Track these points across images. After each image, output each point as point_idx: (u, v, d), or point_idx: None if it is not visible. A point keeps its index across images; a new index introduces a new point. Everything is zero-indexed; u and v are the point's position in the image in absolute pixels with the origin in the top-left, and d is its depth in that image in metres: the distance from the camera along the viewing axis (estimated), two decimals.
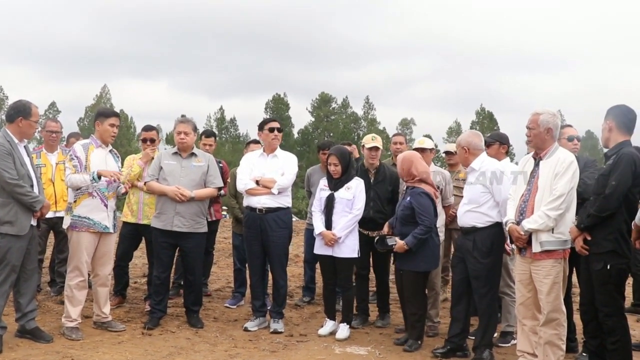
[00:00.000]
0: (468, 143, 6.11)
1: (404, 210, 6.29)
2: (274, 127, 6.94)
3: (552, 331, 5.26)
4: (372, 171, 7.14)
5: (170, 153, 6.96)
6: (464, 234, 6.08)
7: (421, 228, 6.15)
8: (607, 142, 5.34)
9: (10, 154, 5.72)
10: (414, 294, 6.31)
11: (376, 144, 7.15)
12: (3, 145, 5.73)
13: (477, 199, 5.93)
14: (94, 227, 6.34)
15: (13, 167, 5.71)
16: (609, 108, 5.37)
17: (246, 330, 6.75)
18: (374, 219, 6.92)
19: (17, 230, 5.71)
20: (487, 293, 5.91)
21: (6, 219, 5.69)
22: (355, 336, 6.70)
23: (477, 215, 5.92)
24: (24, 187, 5.72)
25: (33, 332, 6.04)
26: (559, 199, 5.15)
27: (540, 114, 5.40)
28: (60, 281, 7.70)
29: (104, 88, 77.05)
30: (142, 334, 6.49)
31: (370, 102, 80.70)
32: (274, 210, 6.81)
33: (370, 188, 6.98)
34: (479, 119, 76.43)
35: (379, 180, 7.08)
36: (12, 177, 5.67)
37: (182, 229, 6.70)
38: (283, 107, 77.39)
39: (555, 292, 5.24)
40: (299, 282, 9.28)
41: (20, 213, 5.73)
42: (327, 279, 6.90)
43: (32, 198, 5.75)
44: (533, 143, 5.49)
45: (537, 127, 5.39)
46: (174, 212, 6.68)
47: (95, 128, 6.60)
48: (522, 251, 5.42)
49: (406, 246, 6.14)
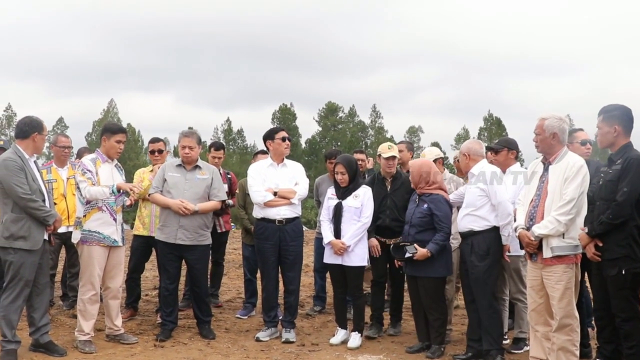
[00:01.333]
0: (468, 149, 6.24)
1: (421, 217, 6.28)
2: (285, 137, 6.98)
3: (566, 337, 5.23)
4: (388, 179, 7.08)
5: (174, 165, 6.98)
6: (463, 239, 6.15)
7: (442, 234, 6.17)
8: (613, 146, 5.28)
9: (22, 169, 5.77)
10: (435, 300, 6.29)
11: (393, 153, 7.08)
12: (15, 161, 5.78)
13: (474, 202, 6.02)
14: (104, 241, 6.38)
15: (25, 182, 5.76)
16: (606, 110, 5.31)
17: (258, 341, 6.76)
18: (390, 227, 6.87)
19: (30, 245, 5.76)
20: (485, 295, 5.95)
21: (20, 234, 5.73)
22: (367, 345, 6.70)
23: (474, 218, 6.00)
24: (37, 201, 5.77)
25: (47, 346, 6.07)
26: (569, 204, 5.13)
27: (545, 118, 5.40)
28: (73, 295, 7.74)
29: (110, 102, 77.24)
30: (155, 345, 6.51)
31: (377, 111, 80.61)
32: (292, 221, 6.87)
33: (387, 196, 6.96)
34: (487, 125, 76.19)
35: (396, 188, 6.99)
36: (25, 192, 5.72)
37: (185, 242, 6.72)
38: (290, 117, 77.37)
39: (567, 297, 5.21)
40: (310, 292, 9.29)
41: (33, 228, 5.78)
42: (337, 288, 6.91)
43: (45, 212, 5.80)
44: (540, 148, 5.48)
45: (542, 133, 5.39)
46: (178, 225, 6.70)
47: (102, 143, 6.62)
48: (533, 257, 5.40)
49: (429, 254, 6.13)
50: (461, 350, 6.29)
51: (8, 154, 5.93)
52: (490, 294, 6.01)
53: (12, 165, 5.76)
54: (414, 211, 6.39)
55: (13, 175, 5.73)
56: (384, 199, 6.91)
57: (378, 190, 6.96)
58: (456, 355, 6.10)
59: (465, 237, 6.09)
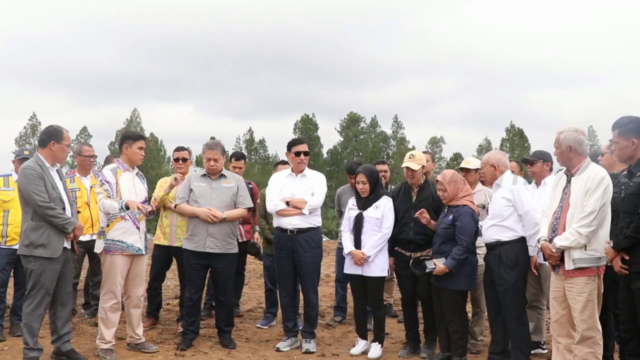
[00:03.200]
0: (497, 160, 6.17)
1: (445, 229, 6.22)
2: (300, 151, 6.95)
3: (588, 349, 5.17)
4: (414, 189, 6.78)
5: (199, 175, 7.01)
6: (489, 249, 6.08)
7: (459, 248, 6.08)
8: (632, 159, 5.23)
9: (41, 178, 5.82)
10: (454, 312, 6.23)
11: (409, 165, 6.67)
12: (34, 169, 5.84)
13: (501, 213, 5.96)
14: (128, 250, 6.42)
15: (44, 190, 5.80)
16: (621, 123, 5.25)
17: (278, 351, 6.76)
18: (414, 240, 6.58)
19: (50, 253, 5.80)
20: (514, 307, 5.89)
21: (39, 242, 5.78)
22: (388, 355, 6.67)
23: (501, 229, 5.95)
24: (55, 209, 5.81)
25: (69, 354, 6.11)
26: (590, 216, 5.09)
27: (561, 132, 5.38)
28: (95, 304, 7.79)
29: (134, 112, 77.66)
30: (175, 354, 6.53)
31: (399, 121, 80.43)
32: (305, 231, 6.82)
33: (412, 207, 6.66)
34: (509, 136, 75.82)
35: (422, 200, 6.68)
36: (44, 200, 5.77)
37: (214, 250, 6.74)
38: (312, 128, 77.49)
39: (589, 309, 5.15)
40: (330, 302, 9.27)
41: (52, 236, 5.82)
42: (357, 299, 6.88)
43: (63, 220, 5.84)
44: (560, 161, 5.49)
45: (560, 146, 5.39)
46: (206, 233, 6.73)
47: (123, 151, 6.67)
48: (556, 269, 5.37)
49: (447, 270, 6.07)
50: None
51: (28, 163, 6.00)
52: (520, 306, 5.96)
53: (30, 174, 5.82)
54: (441, 221, 6.33)
55: (31, 183, 5.78)
56: (407, 210, 6.71)
57: (403, 200, 6.77)
58: None
59: (492, 248, 6.03)
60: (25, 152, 7.29)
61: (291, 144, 7.03)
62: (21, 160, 6.92)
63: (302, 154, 6.96)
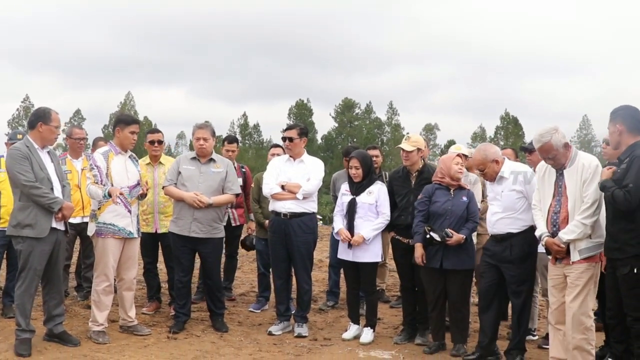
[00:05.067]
0: (495, 154, 5.98)
1: (464, 210, 6.21)
2: (285, 137, 6.95)
3: (581, 336, 5.18)
4: (413, 174, 6.71)
5: (188, 158, 7.00)
6: (497, 241, 5.92)
7: (473, 224, 6.22)
8: (618, 145, 5.22)
9: (26, 158, 5.80)
10: (464, 296, 6.28)
11: (403, 146, 6.64)
12: (19, 150, 5.84)
13: (513, 206, 5.82)
14: (119, 233, 6.42)
15: (30, 170, 5.78)
16: (613, 111, 5.26)
17: (270, 335, 6.78)
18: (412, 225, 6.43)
19: (37, 233, 5.78)
20: (525, 297, 5.87)
21: (26, 222, 5.77)
22: (379, 340, 6.69)
23: (513, 220, 5.82)
24: (40, 188, 5.78)
25: (60, 336, 6.11)
26: (592, 207, 5.11)
27: (548, 139, 5.28)
28: (87, 286, 7.79)
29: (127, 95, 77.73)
30: (168, 337, 6.54)
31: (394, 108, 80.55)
32: (298, 216, 6.81)
33: (411, 192, 6.63)
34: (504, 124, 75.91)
35: (421, 184, 6.57)
36: (28, 180, 5.75)
37: (199, 235, 6.74)
38: (306, 113, 77.44)
39: (583, 295, 5.17)
40: (323, 287, 9.29)
41: (40, 216, 5.80)
42: (350, 284, 6.89)
43: (49, 199, 5.80)
44: (557, 164, 5.37)
45: (557, 151, 5.29)
46: (192, 218, 6.72)
47: (115, 135, 6.64)
48: (558, 261, 5.36)
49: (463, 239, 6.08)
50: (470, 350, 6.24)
51: (16, 145, 6.04)
52: (529, 295, 5.96)
53: (15, 154, 5.83)
54: (453, 203, 6.22)
55: (16, 163, 5.79)
56: (406, 194, 6.64)
57: (402, 184, 6.73)
58: (467, 355, 6.04)
59: (503, 240, 5.87)
60: (19, 136, 7.24)
61: (284, 130, 7.04)
62: (14, 142, 6.89)
63: (287, 139, 6.92)
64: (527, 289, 5.89)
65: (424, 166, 6.75)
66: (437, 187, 6.33)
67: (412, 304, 6.77)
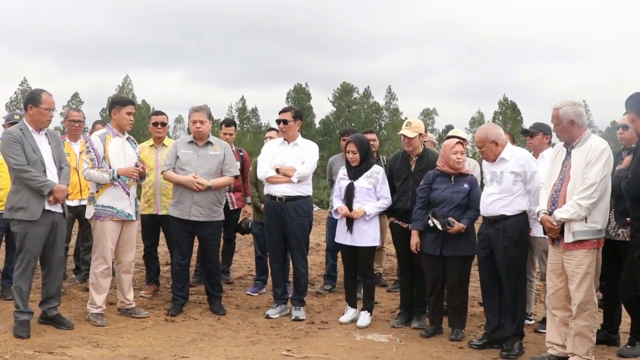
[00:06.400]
0: (497, 135, 5.95)
1: (464, 197, 6.20)
2: (279, 120, 6.94)
3: (584, 322, 5.16)
4: (413, 158, 6.70)
5: (186, 142, 6.99)
6: (490, 223, 5.92)
7: (474, 212, 6.17)
8: (636, 132, 5.24)
9: (17, 141, 5.80)
10: (463, 282, 6.29)
11: (405, 132, 6.59)
12: (12, 133, 5.85)
13: (510, 188, 5.80)
14: (118, 215, 6.42)
15: (20, 153, 5.78)
16: (627, 99, 5.28)
17: (268, 318, 6.81)
18: (411, 210, 6.44)
19: (29, 216, 5.79)
20: (517, 281, 5.86)
21: (19, 205, 5.80)
22: (376, 324, 6.73)
23: (507, 203, 5.80)
24: (30, 171, 5.77)
25: (54, 319, 6.13)
26: (590, 188, 5.04)
27: (559, 107, 5.28)
28: (85, 269, 7.81)
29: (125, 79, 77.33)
30: (166, 320, 6.57)
31: (392, 92, 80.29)
32: (293, 199, 6.81)
33: (410, 176, 6.62)
34: (502, 109, 75.80)
35: (421, 168, 6.57)
36: (17, 163, 5.76)
37: (199, 218, 6.76)
38: (304, 97, 77.19)
39: (587, 282, 5.14)
40: (321, 271, 9.32)
41: (32, 199, 5.81)
42: (348, 267, 6.91)
43: (38, 182, 5.79)
44: (562, 137, 5.37)
45: (560, 122, 5.28)
46: (192, 201, 6.73)
47: (112, 117, 6.62)
48: (555, 242, 5.34)
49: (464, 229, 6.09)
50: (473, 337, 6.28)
51: (9, 128, 6.06)
52: (523, 279, 5.95)
53: (7, 138, 5.85)
54: (453, 190, 6.22)
55: (7, 147, 5.81)
56: (406, 179, 6.63)
57: (401, 168, 6.72)
58: (472, 342, 6.05)
59: (495, 222, 5.86)
60: (16, 117, 7.25)
61: (279, 112, 7.02)
62: (11, 124, 6.89)
63: (282, 122, 6.92)
64: (517, 274, 5.85)
65: (424, 150, 6.74)
66: (438, 174, 6.33)
67: (410, 288, 6.79)
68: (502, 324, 5.94)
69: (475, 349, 5.91)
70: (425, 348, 5.94)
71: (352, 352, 5.77)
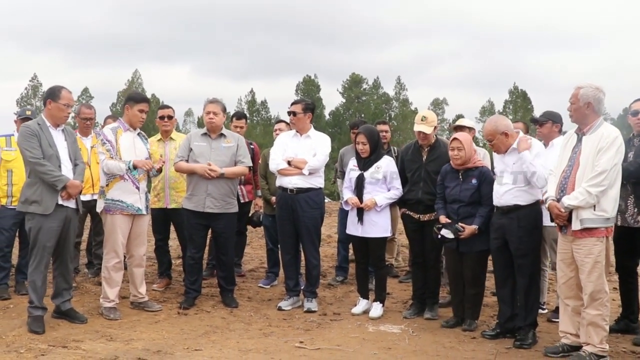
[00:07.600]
0: (507, 127, 5.91)
1: (473, 194, 6.14)
2: (290, 111, 6.96)
3: (595, 312, 5.11)
4: (425, 148, 6.66)
5: (199, 134, 6.99)
6: (504, 213, 5.87)
7: (486, 207, 6.08)
8: None
9: (35, 135, 5.84)
10: (479, 275, 6.27)
11: (421, 129, 6.53)
12: (29, 127, 5.90)
13: (524, 178, 5.76)
14: (127, 209, 6.44)
15: (37, 147, 5.82)
16: None
17: (280, 310, 6.82)
18: (423, 200, 6.51)
19: (42, 210, 5.82)
20: (531, 271, 5.83)
21: (33, 199, 5.84)
22: (389, 315, 6.73)
23: (521, 192, 5.76)
24: (45, 165, 5.81)
25: (68, 313, 6.18)
26: (600, 175, 4.99)
27: (581, 87, 5.22)
28: (98, 263, 7.84)
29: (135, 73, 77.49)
30: (178, 313, 6.60)
31: (402, 83, 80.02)
32: (305, 191, 6.82)
33: (422, 167, 6.61)
34: (512, 98, 75.41)
35: (432, 159, 6.58)
36: (34, 156, 5.80)
37: (213, 210, 6.77)
38: (314, 89, 77.07)
39: (597, 271, 5.09)
40: (332, 262, 9.32)
41: (45, 192, 5.84)
42: (359, 259, 6.92)
43: (53, 177, 5.82)
44: (574, 118, 5.31)
45: (577, 102, 5.23)
46: (206, 193, 6.74)
47: (124, 112, 6.65)
48: (563, 229, 5.30)
49: (477, 231, 6.05)
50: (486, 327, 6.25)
51: (28, 122, 6.10)
52: (537, 269, 5.92)
53: (24, 131, 5.88)
54: (461, 189, 6.19)
55: (24, 140, 5.85)
56: (417, 169, 6.61)
57: (413, 159, 6.70)
58: (485, 332, 6.03)
59: (509, 212, 5.82)
60: (27, 112, 7.30)
61: (291, 104, 7.03)
62: (23, 119, 6.95)
63: (292, 114, 6.94)
64: (532, 263, 5.82)
65: (437, 141, 6.71)
66: (449, 170, 6.32)
67: (422, 279, 6.76)
68: (516, 313, 5.92)
69: (488, 339, 5.89)
70: (438, 339, 5.93)
71: (364, 343, 5.77)
